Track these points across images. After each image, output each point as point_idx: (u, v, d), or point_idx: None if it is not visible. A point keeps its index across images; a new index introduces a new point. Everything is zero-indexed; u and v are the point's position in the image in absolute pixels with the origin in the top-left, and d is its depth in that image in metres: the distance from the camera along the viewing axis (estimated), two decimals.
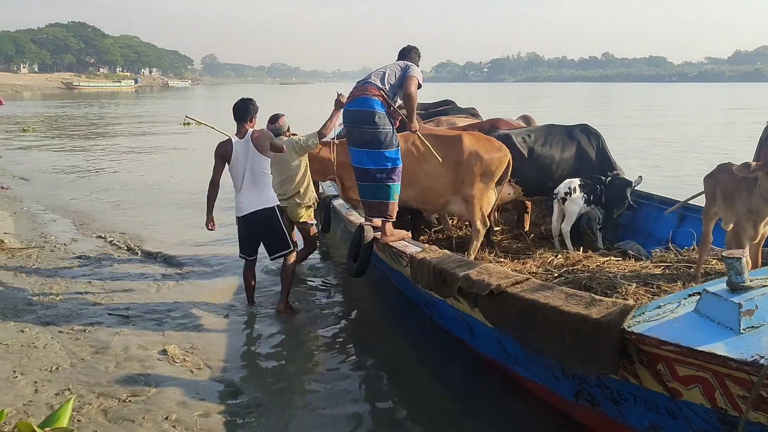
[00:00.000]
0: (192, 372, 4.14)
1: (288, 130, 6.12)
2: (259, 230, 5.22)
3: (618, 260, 5.11)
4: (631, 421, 3.13)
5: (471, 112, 9.22)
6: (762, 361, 2.24)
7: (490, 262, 5.75)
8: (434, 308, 4.82)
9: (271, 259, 5.41)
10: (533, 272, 4.81)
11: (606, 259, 5.11)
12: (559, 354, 3.00)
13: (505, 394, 3.94)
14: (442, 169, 5.47)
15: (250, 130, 5.15)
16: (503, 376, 4.08)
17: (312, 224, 6.13)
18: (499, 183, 5.82)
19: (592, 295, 3.06)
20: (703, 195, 4.49)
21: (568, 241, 6.17)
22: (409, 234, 5.28)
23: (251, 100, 5.25)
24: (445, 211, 6.30)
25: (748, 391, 2.34)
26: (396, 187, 4.95)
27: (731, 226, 4.01)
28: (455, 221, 7.11)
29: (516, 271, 4.86)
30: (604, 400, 3.22)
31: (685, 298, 2.76)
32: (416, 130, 5.07)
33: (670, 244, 5.26)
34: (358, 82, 5.09)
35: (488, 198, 5.83)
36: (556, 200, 6.25)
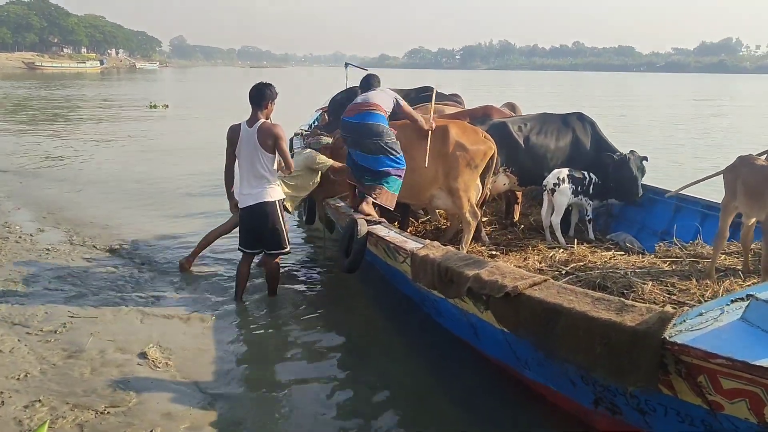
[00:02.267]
0: (175, 377, 3.81)
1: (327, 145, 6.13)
2: (258, 225, 4.96)
3: (622, 255, 4.93)
4: None
5: (454, 99, 8.96)
6: None
7: (482, 254, 5.55)
8: (433, 306, 4.56)
9: (267, 254, 5.14)
10: (538, 269, 4.58)
11: (610, 253, 4.93)
12: (587, 364, 2.78)
13: (513, 399, 3.72)
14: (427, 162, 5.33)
15: (261, 120, 4.83)
16: (511, 379, 3.84)
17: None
18: (483, 175, 5.63)
19: (622, 299, 2.83)
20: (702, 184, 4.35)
21: (558, 234, 6.03)
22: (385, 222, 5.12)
23: (270, 84, 4.94)
24: (432, 206, 6.06)
25: None
26: (398, 182, 5.17)
27: (753, 220, 3.84)
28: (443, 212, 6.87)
29: (518, 267, 4.65)
30: (628, 410, 3.01)
31: (727, 305, 2.55)
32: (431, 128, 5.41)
33: (674, 239, 5.09)
34: (351, 102, 5.35)
35: (474, 190, 5.62)
36: (545, 191, 6.08)
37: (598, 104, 31.13)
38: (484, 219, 6.63)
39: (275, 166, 4.92)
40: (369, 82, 5.61)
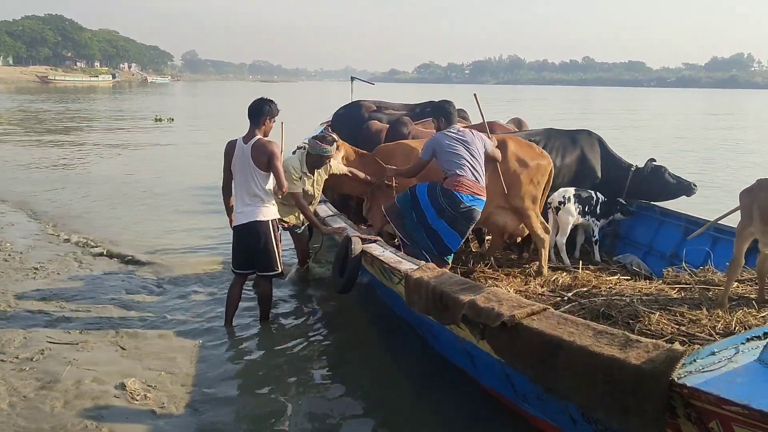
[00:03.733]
0: (155, 412, 3.54)
1: (326, 158, 5.33)
2: (250, 244, 4.74)
3: (628, 280, 4.71)
4: None
5: (460, 115, 8.80)
6: None
7: (483, 273, 5.35)
8: (428, 331, 4.35)
9: (259, 276, 4.91)
10: (539, 293, 4.37)
11: (616, 278, 4.71)
12: (588, 403, 2.55)
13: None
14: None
15: (256, 137, 4.63)
16: (508, 411, 3.61)
17: (298, 229, 5.75)
18: (543, 192, 5.48)
19: (626, 333, 2.60)
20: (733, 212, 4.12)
21: (563, 254, 5.89)
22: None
23: (269, 100, 4.72)
24: (487, 225, 5.76)
25: None
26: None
27: None
28: None
29: (519, 291, 4.44)
30: None
31: (742, 343, 2.33)
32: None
33: (683, 264, 4.84)
34: (459, 167, 4.76)
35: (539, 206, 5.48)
36: (550, 209, 5.92)
37: (606, 120, 30.82)
38: (487, 237, 6.45)
39: (270, 186, 4.71)
40: (448, 112, 5.01)
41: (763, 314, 3.59)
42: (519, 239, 6.49)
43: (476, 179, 4.78)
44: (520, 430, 3.48)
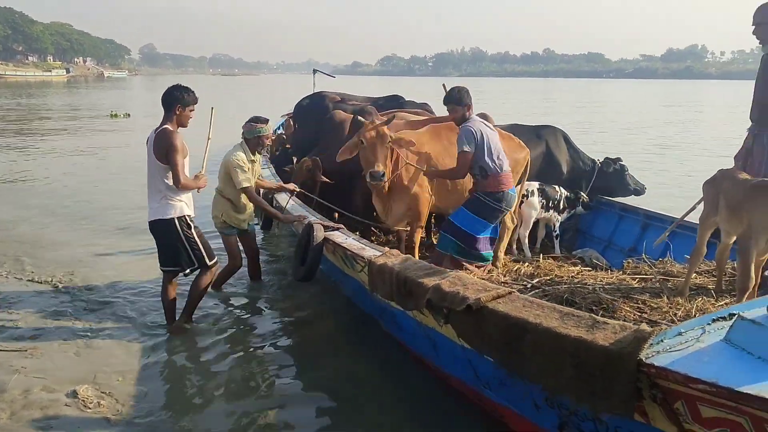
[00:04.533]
0: (109, 420, 3.36)
1: (264, 138, 5.22)
2: (161, 241, 4.52)
3: (590, 270, 4.74)
4: None
5: (425, 108, 8.77)
6: None
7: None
8: (390, 320, 4.26)
9: (184, 275, 4.67)
10: (503, 282, 4.31)
11: (578, 268, 4.73)
12: (556, 386, 2.50)
13: (474, 424, 3.46)
14: None
15: (163, 127, 4.33)
16: (471, 403, 3.57)
17: (230, 234, 5.33)
18: (518, 183, 5.43)
19: (593, 315, 2.55)
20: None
21: (525, 247, 5.94)
22: None
23: (183, 88, 4.40)
24: None
25: None
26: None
27: (733, 238, 3.62)
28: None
29: (483, 279, 4.39)
30: None
31: (708, 324, 2.30)
32: None
33: (644, 255, 4.87)
34: (502, 164, 4.64)
35: None
36: None
37: (569, 114, 31.08)
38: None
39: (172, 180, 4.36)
40: (470, 98, 4.78)
41: (721, 303, 3.63)
42: None
43: (509, 170, 4.77)
44: (484, 422, 3.44)
